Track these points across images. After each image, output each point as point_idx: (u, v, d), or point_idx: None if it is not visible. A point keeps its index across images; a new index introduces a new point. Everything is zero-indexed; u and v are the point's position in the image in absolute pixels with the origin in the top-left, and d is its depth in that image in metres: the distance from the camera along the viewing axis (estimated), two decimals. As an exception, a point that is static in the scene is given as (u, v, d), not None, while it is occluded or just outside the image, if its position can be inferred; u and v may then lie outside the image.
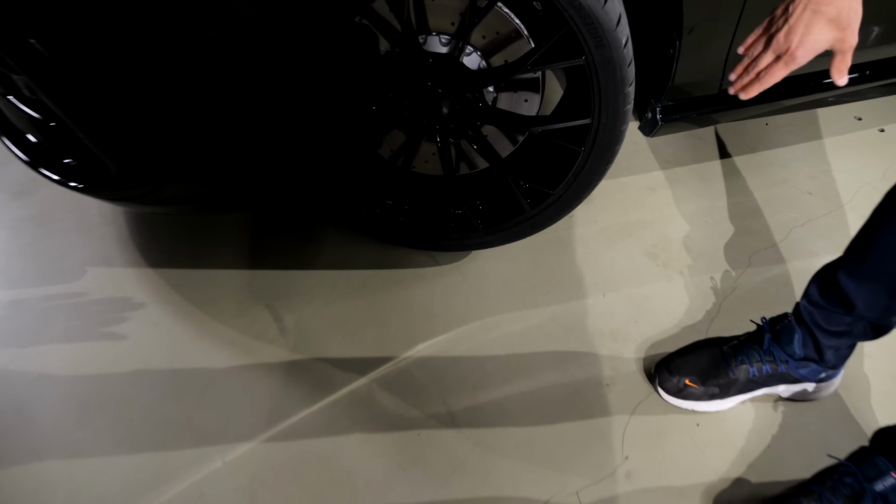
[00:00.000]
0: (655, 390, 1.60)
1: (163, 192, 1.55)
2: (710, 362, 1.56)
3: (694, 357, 1.59)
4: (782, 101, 1.85)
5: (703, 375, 1.55)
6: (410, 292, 1.81)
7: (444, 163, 1.69)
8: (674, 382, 1.56)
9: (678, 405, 1.57)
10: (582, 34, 1.39)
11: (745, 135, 2.35)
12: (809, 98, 1.87)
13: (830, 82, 1.88)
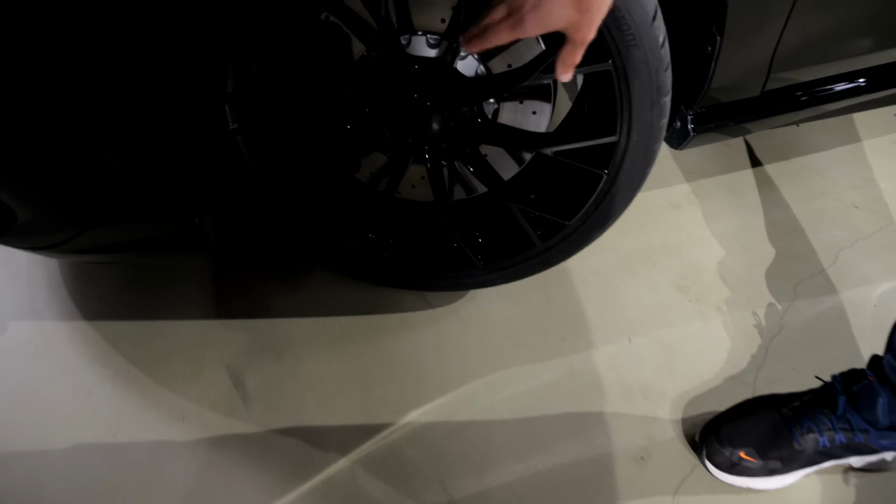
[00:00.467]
0: (702, 463, 1.32)
1: (86, 239, 1.24)
2: (768, 430, 1.28)
3: (748, 422, 1.30)
4: (836, 102, 1.56)
5: (762, 446, 1.26)
6: (399, 344, 1.51)
7: (435, 188, 1.39)
8: (725, 455, 1.27)
9: (731, 483, 1.28)
10: (609, 32, 1.09)
11: (775, 138, 2.07)
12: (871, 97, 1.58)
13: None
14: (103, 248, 1.28)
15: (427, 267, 1.52)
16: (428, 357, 1.49)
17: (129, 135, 1.08)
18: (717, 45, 1.31)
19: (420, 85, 1.23)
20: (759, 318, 1.59)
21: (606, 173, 1.29)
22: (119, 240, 1.26)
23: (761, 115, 1.52)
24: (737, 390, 1.45)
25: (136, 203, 1.20)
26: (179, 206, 1.22)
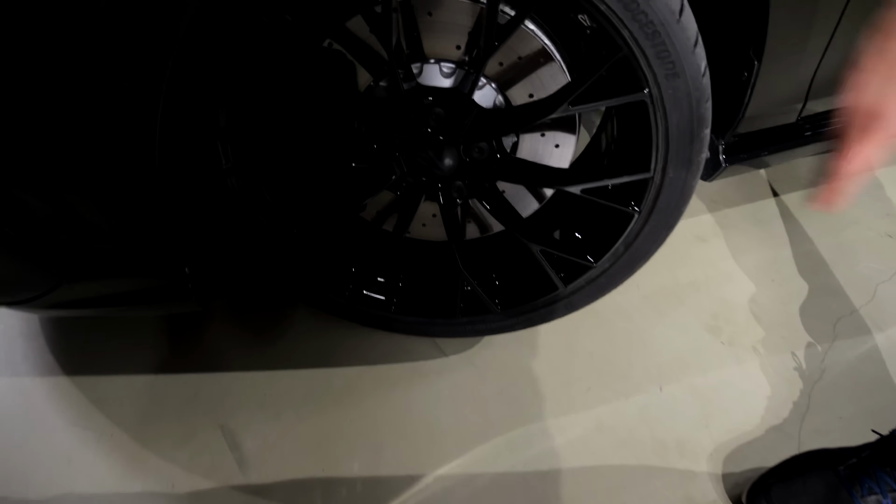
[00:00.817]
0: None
1: (62, 293, 1.11)
2: (825, 491, 1.16)
3: (801, 482, 1.18)
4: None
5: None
6: (410, 397, 1.38)
7: (449, 227, 1.27)
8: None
9: None
10: (647, 59, 0.98)
11: (798, 164, 1.96)
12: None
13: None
14: (81, 303, 1.15)
15: (439, 312, 1.40)
16: (442, 412, 1.36)
17: (108, 176, 0.96)
18: (755, 70, 1.21)
19: (434, 118, 1.11)
20: (799, 360, 1.47)
21: (638, 212, 1.18)
22: (99, 293, 1.13)
23: (797, 143, 1.41)
24: (781, 443, 1.33)
25: (119, 253, 1.08)
26: (167, 256, 1.10)
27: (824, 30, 1.20)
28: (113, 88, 0.86)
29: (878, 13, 0.73)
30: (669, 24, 0.94)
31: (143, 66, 0.86)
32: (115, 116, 0.89)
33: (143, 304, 1.16)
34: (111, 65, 0.84)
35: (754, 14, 1.13)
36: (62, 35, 0.82)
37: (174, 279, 1.13)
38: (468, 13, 1.05)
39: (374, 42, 1.09)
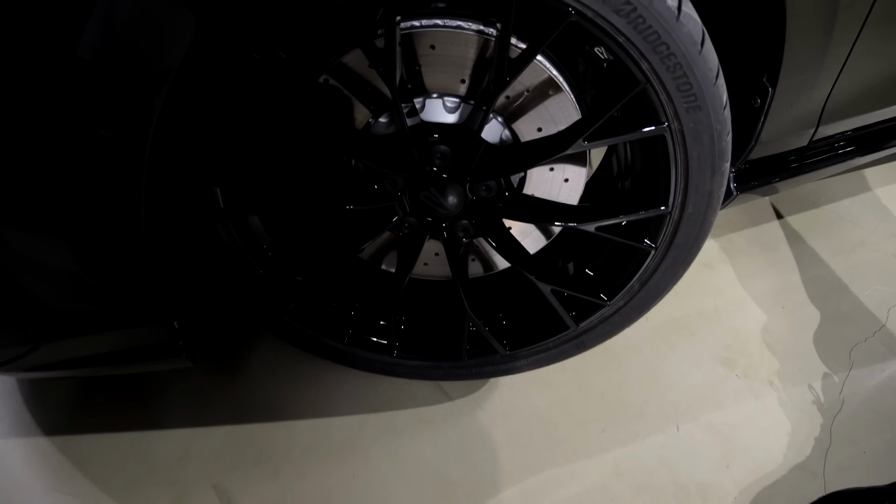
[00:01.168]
0: None
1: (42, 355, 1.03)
2: None
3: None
4: (890, 148, 1.42)
5: None
6: (416, 447, 1.30)
7: (454, 268, 1.20)
8: None
9: None
10: (667, 92, 0.93)
11: (802, 185, 1.92)
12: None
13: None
14: (64, 364, 1.06)
15: (444, 354, 1.32)
16: (451, 462, 1.28)
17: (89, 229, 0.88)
18: (769, 97, 1.16)
19: (439, 155, 1.04)
20: (817, 392, 1.42)
21: (655, 248, 1.12)
22: (83, 353, 1.04)
23: (810, 168, 1.37)
24: (806, 482, 1.27)
25: (103, 310, 1.00)
26: (155, 311, 1.01)
27: (840, 53, 1.16)
28: (95, 137, 0.79)
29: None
30: (691, 56, 0.89)
31: (128, 113, 0.78)
32: (98, 166, 0.82)
33: (129, 363, 1.07)
34: (94, 113, 0.77)
35: (769, 40, 1.09)
36: (43, 80, 0.74)
37: (163, 335, 1.05)
38: (474, 46, 0.99)
39: (373, 76, 1.03)
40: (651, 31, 0.87)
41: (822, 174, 1.40)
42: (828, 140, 1.37)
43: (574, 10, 0.85)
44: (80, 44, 0.72)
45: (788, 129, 1.27)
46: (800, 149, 1.35)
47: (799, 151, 1.36)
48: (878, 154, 1.43)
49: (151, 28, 0.74)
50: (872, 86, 1.29)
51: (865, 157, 1.42)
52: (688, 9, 0.88)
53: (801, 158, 1.37)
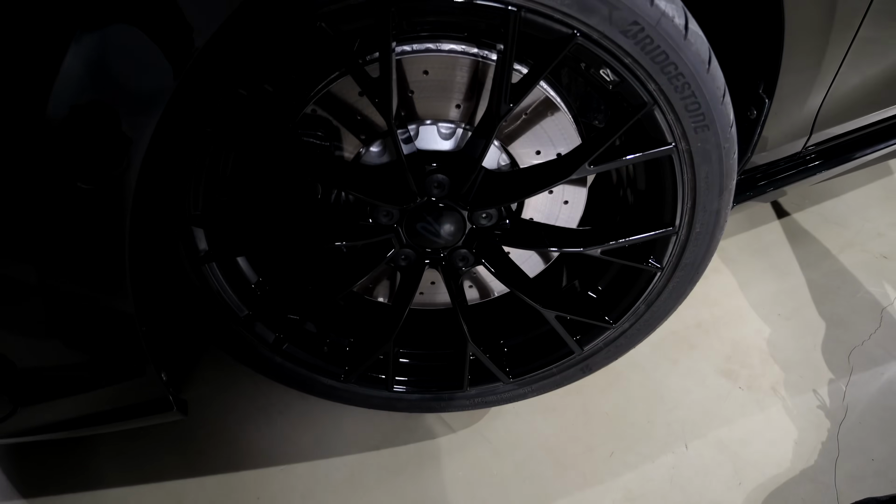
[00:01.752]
0: None
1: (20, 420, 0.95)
2: None
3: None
4: (882, 150, 1.42)
5: None
6: (421, 485, 1.25)
7: (454, 297, 1.15)
8: None
9: None
10: (674, 112, 0.90)
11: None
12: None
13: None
14: (44, 428, 0.98)
15: (445, 385, 1.28)
16: (459, 498, 1.23)
17: (69, 277, 0.81)
18: (766, 108, 1.14)
19: (436, 184, 1.00)
20: (821, 399, 1.41)
21: (662, 269, 1.09)
22: (65, 416, 0.97)
23: (804, 174, 1.36)
24: (818, 495, 1.26)
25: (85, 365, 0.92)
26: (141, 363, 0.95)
27: (834, 61, 1.14)
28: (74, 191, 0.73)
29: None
30: (700, 75, 0.86)
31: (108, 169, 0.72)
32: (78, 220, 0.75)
33: (117, 421, 1.00)
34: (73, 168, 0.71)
35: (767, 52, 1.07)
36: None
37: (152, 389, 0.98)
38: (468, 70, 0.95)
39: (363, 105, 0.98)
40: (659, 52, 0.83)
41: (815, 179, 1.39)
42: (820, 145, 1.37)
43: (579, 32, 0.81)
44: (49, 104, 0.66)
45: (783, 137, 1.26)
46: (793, 155, 1.34)
47: (792, 158, 1.35)
48: (871, 156, 1.42)
49: (128, 86, 0.69)
50: (863, 90, 1.28)
51: (858, 160, 1.42)
52: (694, 27, 0.85)
53: (794, 165, 1.36)
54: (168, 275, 1.05)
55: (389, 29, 0.80)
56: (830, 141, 1.37)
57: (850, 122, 1.35)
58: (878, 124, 1.41)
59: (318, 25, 0.80)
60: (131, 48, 0.68)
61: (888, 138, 1.42)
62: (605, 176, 1.26)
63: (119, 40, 0.67)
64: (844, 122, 1.33)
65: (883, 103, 1.36)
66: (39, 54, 0.66)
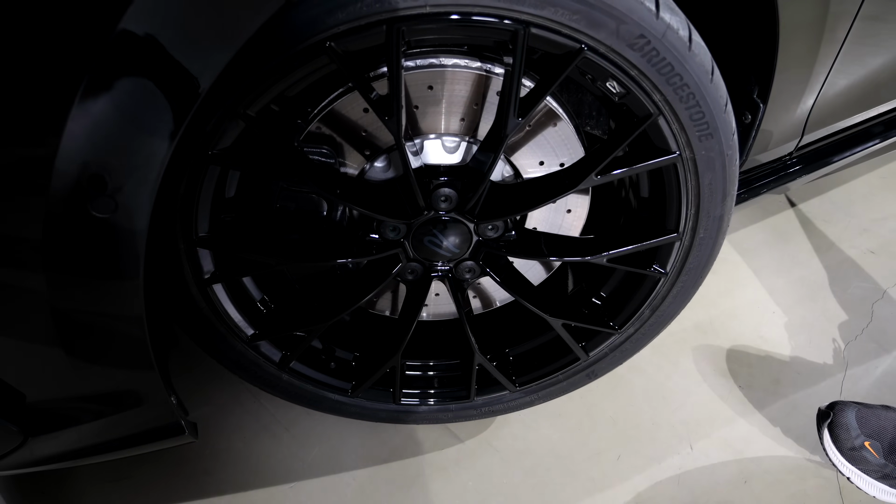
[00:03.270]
0: (818, 431, 1.26)
1: (29, 451, 0.93)
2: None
3: (889, 418, 1.21)
4: (873, 146, 1.46)
5: (891, 447, 1.19)
6: (432, 496, 1.25)
7: (460, 309, 1.15)
8: (850, 435, 1.20)
9: (838, 465, 1.23)
10: (679, 122, 0.91)
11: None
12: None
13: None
14: (54, 458, 0.96)
15: (452, 396, 1.28)
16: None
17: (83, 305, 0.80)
18: (760, 113, 1.16)
19: (443, 198, 1.00)
20: (819, 395, 1.44)
21: (666, 274, 1.10)
22: (76, 445, 0.95)
23: (796, 175, 1.39)
24: (822, 490, 1.28)
25: (97, 394, 0.91)
26: (152, 387, 0.93)
27: (825, 64, 1.17)
28: (90, 221, 0.72)
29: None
30: (704, 85, 0.88)
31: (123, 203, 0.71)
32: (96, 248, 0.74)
33: (128, 448, 0.99)
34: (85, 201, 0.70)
35: (761, 57, 1.09)
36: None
37: (162, 413, 0.97)
38: (473, 84, 0.95)
39: (368, 122, 0.98)
40: (665, 63, 0.84)
41: (807, 179, 1.42)
42: (812, 145, 1.39)
43: (587, 45, 0.82)
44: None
45: (776, 140, 1.28)
46: (787, 155, 1.37)
47: (784, 159, 1.37)
48: (860, 154, 1.46)
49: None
50: (852, 91, 1.31)
51: (848, 158, 1.45)
52: (698, 38, 0.87)
53: (787, 166, 1.38)
54: (173, 297, 1.04)
55: (399, 49, 0.80)
56: (820, 141, 1.40)
57: (837, 123, 1.38)
58: (861, 125, 1.45)
59: (328, 45, 0.80)
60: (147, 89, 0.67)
61: (870, 140, 1.45)
62: (608, 184, 1.27)
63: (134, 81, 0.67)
64: (836, 121, 1.36)
65: (869, 104, 1.39)
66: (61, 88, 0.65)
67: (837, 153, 1.44)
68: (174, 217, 0.93)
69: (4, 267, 0.74)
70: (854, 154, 1.44)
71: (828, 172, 1.47)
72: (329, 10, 0.77)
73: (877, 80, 1.34)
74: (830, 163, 1.42)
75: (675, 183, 0.99)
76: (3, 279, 0.75)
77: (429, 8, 0.78)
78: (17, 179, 0.68)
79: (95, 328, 0.82)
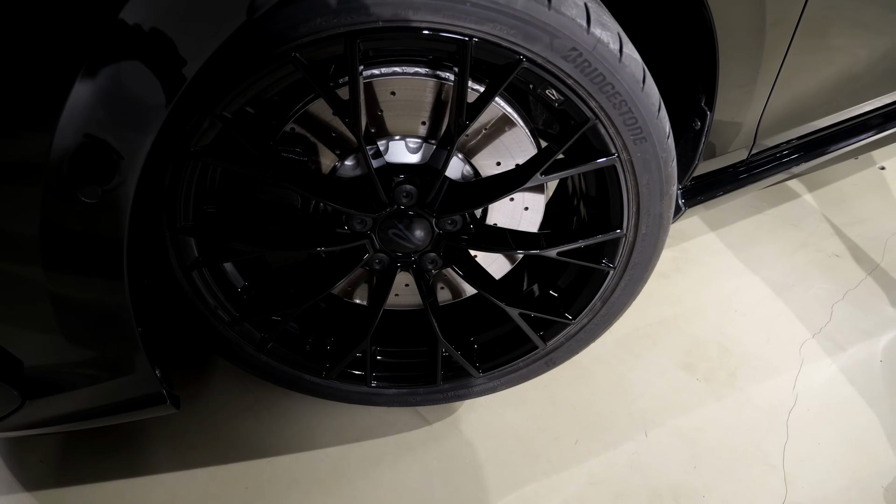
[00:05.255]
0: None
1: (26, 414, 1.04)
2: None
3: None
4: (824, 155, 1.53)
5: None
6: (399, 473, 1.34)
7: (424, 298, 1.25)
8: None
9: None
10: (615, 126, 1.00)
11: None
12: (851, 147, 1.56)
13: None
14: (49, 421, 1.07)
15: (420, 381, 1.37)
16: (435, 485, 1.32)
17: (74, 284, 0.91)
18: (708, 120, 1.25)
19: (405, 194, 1.10)
20: (772, 389, 1.51)
21: (614, 268, 1.19)
22: (68, 410, 1.06)
23: (750, 180, 1.46)
24: (768, 476, 1.36)
25: (87, 363, 1.02)
26: (138, 361, 1.04)
27: (769, 73, 1.25)
28: (79, 205, 0.82)
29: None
30: (634, 93, 0.97)
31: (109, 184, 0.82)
32: (83, 232, 0.85)
33: (115, 414, 1.09)
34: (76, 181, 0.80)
35: (704, 67, 1.17)
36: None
37: (147, 385, 1.07)
38: (432, 90, 1.05)
39: (338, 122, 1.08)
40: (597, 74, 0.94)
41: (762, 184, 1.50)
42: (766, 152, 1.47)
43: (525, 57, 0.92)
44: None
45: (727, 146, 1.36)
46: (740, 162, 1.45)
47: (739, 165, 1.45)
48: (815, 161, 1.53)
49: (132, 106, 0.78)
50: (803, 101, 1.39)
51: (803, 165, 1.53)
52: (629, 50, 0.96)
53: (741, 172, 1.46)
54: (162, 280, 1.14)
55: (356, 59, 0.90)
56: (775, 148, 1.48)
57: (794, 129, 1.46)
58: (821, 131, 1.53)
59: (294, 56, 0.90)
60: (131, 78, 0.77)
61: (827, 146, 1.53)
62: (563, 185, 1.36)
63: (122, 71, 0.77)
64: (788, 129, 1.44)
65: (825, 112, 1.47)
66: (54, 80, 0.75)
67: (794, 159, 1.52)
68: (160, 207, 1.04)
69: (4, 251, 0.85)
70: (809, 161, 1.52)
71: (783, 179, 1.54)
72: (293, 24, 0.87)
73: (830, 88, 1.42)
74: (785, 169, 1.49)
75: (616, 183, 1.08)
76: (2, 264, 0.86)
77: (381, 23, 0.88)
78: (15, 171, 0.79)
79: (85, 303, 0.93)
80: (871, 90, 1.51)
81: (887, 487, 1.34)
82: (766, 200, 2.01)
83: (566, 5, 0.89)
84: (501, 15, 0.87)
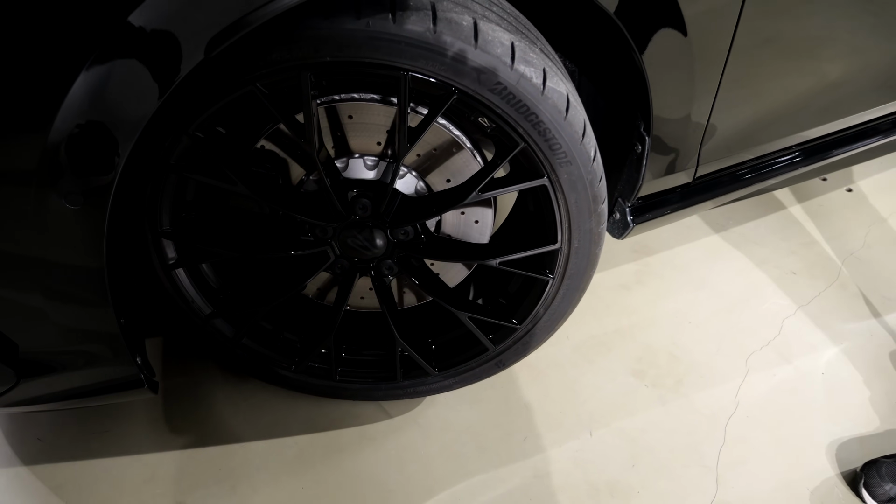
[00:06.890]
0: (857, 493, 1.44)
1: (20, 392, 1.18)
2: None
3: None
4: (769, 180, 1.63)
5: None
6: (359, 461, 1.47)
7: (382, 301, 1.37)
8: (884, 489, 1.40)
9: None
10: (542, 151, 1.12)
11: (711, 211, 2.14)
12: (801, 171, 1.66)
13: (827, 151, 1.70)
14: (40, 399, 1.21)
15: (382, 377, 1.49)
16: (390, 472, 1.44)
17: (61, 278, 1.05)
18: (647, 145, 1.36)
19: (361, 206, 1.22)
20: (716, 396, 1.61)
21: (552, 278, 1.30)
22: (56, 389, 1.20)
23: (695, 200, 1.57)
24: (701, 477, 1.45)
25: (74, 348, 1.16)
26: (121, 349, 1.17)
27: (703, 106, 1.36)
28: (62, 210, 0.96)
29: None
30: (557, 122, 1.09)
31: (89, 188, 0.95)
32: (67, 233, 0.99)
33: (99, 396, 1.23)
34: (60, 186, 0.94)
35: (640, 99, 1.29)
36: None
37: (128, 371, 1.21)
38: (384, 115, 1.18)
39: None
40: (521, 105, 1.06)
41: (708, 206, 1.60)
42: (711, 175, 1.58)
43: (457, 89, 1.04)
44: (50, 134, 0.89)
45: (672, 168, 1.47)
46: (686, 184, 1.55)
47: (686, 187, 1.56)
48: (763, 184, 1.63)
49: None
50: (745, 128, 1.50)
51: (751, 187, 1.63)
52: (552, 84, 1.07)
53: (687, 194, 1.56)
54: (145, 279, 1.28)
55: (308, 89, 1.03)
56: (719, 172, 1.58)
57: (737, 156, 1.56)
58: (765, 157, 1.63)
59: (256, 86, 1.03)
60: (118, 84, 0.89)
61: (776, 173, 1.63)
62: (520, 202, 1.48)
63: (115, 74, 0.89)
64: (731, 155, 1.55)
65: (768, 139, 1.58)
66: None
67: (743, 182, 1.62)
68: (142, 214, 1.18)
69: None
70: (757, 184, 1.62)
71: (731, 200, 1.65)
72: (252, 59, 1.01)
73: (772, 117, 1.52)
74: (732, 191, 1.60)
75: (549, 201, 1.19)
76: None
77: (328, 58, 1.01)
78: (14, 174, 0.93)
79: (71, 295, 1.07)
80: (815, 118, 1.61)
81: (813, 491, 1.44)
82: (732, 219, 2.10)
83: (491, 45, 1.01)
84: (433, 53, 1.00)
